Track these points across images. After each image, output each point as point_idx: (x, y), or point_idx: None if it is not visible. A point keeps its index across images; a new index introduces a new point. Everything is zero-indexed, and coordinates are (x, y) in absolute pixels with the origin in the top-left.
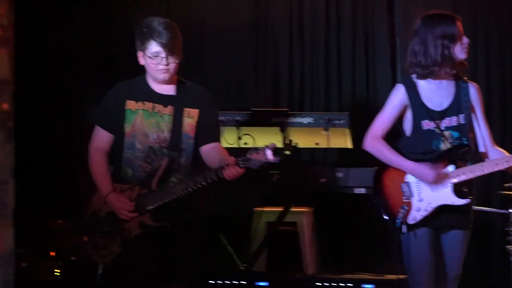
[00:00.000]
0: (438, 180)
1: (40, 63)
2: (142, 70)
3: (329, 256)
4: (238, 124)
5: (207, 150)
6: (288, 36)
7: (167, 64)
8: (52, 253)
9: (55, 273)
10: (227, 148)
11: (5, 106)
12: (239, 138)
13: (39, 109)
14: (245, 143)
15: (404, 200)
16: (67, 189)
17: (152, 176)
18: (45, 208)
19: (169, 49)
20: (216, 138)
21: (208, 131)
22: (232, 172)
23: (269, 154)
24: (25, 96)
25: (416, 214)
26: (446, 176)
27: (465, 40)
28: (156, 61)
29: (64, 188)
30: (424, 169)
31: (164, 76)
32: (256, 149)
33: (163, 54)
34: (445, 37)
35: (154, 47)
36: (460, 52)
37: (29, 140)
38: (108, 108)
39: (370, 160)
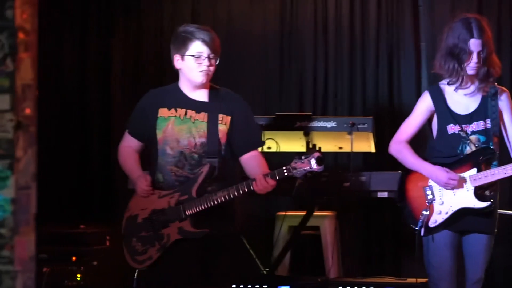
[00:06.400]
0: (451, 182)
1: (69, 69)
2: (171, 78)
3: (352, 260)
4: (262, 129)
5: (246, 160)
6: (312, 40)
7: (209, 65)
8: (74, 258)
9: (77, 278)
10: None
11: (28, 111)
12: (263, 143)
13: (66, 114)
14: (269, 147)
15: (426, 203)
16: (88, 194)
17: (193, 183)
18: (67, 213)
19: (212, 49)
20: (254, 146)
21: (245, 140)
22: (262, 184)
23: (314, 163)
24: (52, 101)
25: (437, 217)
26: (463, 180)
27: (474, 59)
28: (199, 61)
29: (85, 193)
30: (439, 171)
31: (203, 78)
32: (300, 158)
33: (206, 54)
34: (454, 49)
35: (198, 46)
36: (469, 69)
37: (51, 145)
38: (139, 116)
39: (393, 164)
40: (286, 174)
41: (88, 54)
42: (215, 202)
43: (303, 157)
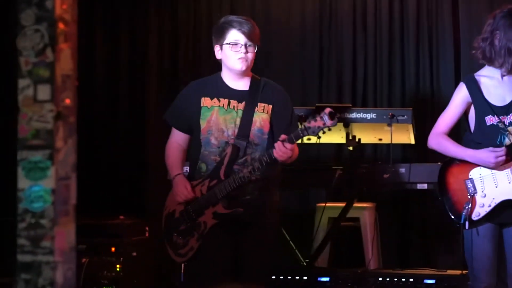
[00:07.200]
0: (500, 159)
1: (106, 61)
2: (208, 72)
3: (392, 251)
4: (302, 120)
5: None
6: (351, 32)
7: (246, 52)
8: (113, 249)
9: (116, 269)
10: None
11: (68, 101)
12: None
13: (104, 106)
14: (309, 139)
15: (468, 196)
16: (129, 185)
17: (220, 166)
18: (106, 204)
19: (249, 37)
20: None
21: (282, 129)
22: (281, 150)
23: (327, 119)
24: (92, 92)
25: (480, 210)
26: (508, 160)
27: None
28: (235, 48)
29: (126, 184)
30: (483, 152)
31: (242, 65)
32: (313, 116)
33: (242, 41)
34: None
35: (234, 34)
36: None
37: (92, 136)
38: (181, 107)
39: (432, 156)
40: (301, 134)
41: (120, 45)
42: (243, 178)
43: (315, 116)
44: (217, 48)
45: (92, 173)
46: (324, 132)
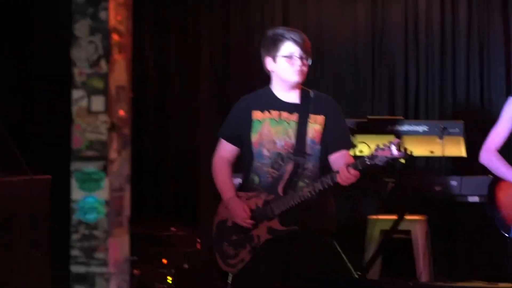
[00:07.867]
0: None
1: (159, 72)
2: (259, 84)
3: (443, 264)
4: (354, 132)
5: (335, 159)
6: (403, 44)
7: (302, 65)
8: (165, 261)
9: (168, 281)
10: None
11: (122, 112)
12: (355, 146)
13: (154, 118)
14: (361, 151)
15: None
16: (180, 198)
17: (278, 182)
18: (158, 216)
19: (304, 49)
20: (344, 146)
21: (335, 139)
22: (345, 175)
23: (394, 150)
24: (143, 104)
25: None
26: None
27: None
28: (291, 61)
29: (176, 197)
30: None
31: (298, 77)
32: (380, 146)
33: (298, 54)
34: None
35: (290, 46)
36: None
37: (142, 147)
38: (233, 121)
39: (483, 168)
40: (368, 163)
41: (171, 57)
42: (302, 198)
43: (383, 145)
44: (268, 59)
45: (143, 185)
46: (391, 163)
